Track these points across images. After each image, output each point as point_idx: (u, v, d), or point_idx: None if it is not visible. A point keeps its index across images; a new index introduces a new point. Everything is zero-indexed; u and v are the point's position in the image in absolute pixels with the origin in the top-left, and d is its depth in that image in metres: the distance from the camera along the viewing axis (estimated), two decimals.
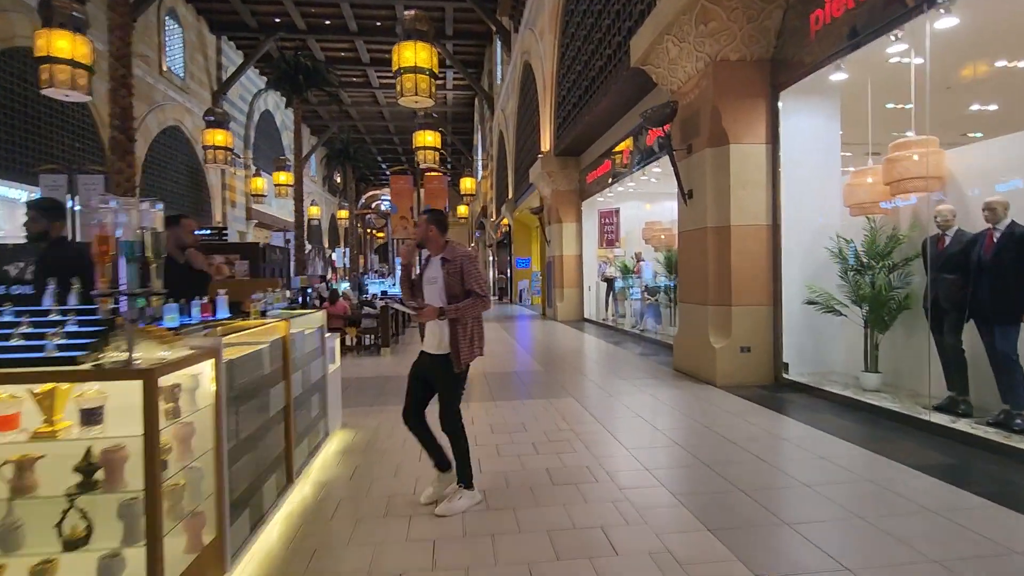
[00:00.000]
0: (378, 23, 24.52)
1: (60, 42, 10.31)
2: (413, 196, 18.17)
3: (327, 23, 24.65)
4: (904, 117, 6.68)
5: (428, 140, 17.47)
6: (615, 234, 12.96)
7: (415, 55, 12.03)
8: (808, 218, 6.44)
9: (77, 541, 1.93)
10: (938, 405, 4.74)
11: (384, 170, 41.34)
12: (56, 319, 2.04)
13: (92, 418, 1.95)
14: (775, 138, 6.46)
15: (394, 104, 32.12)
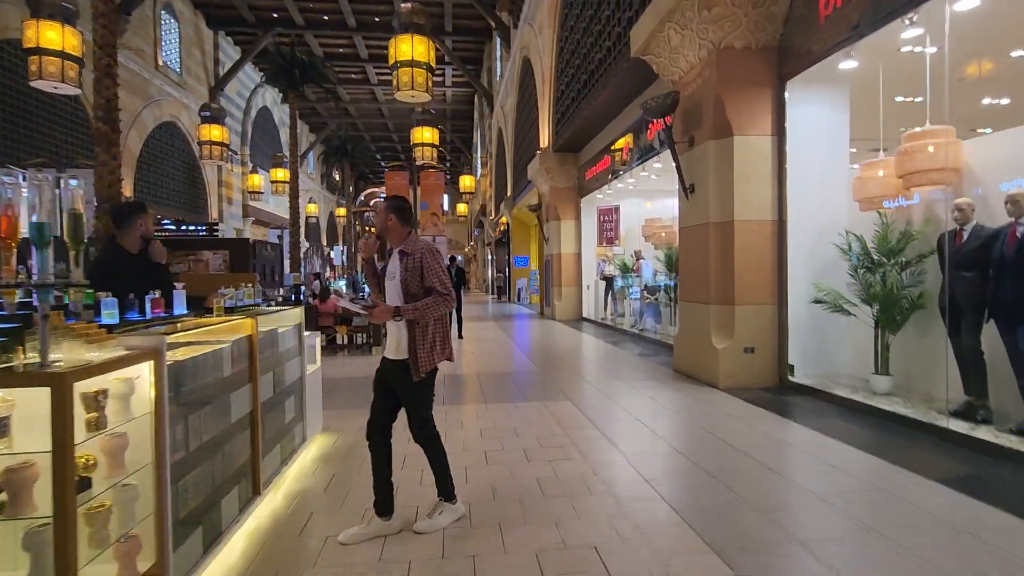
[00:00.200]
0: (376, 19, 24.26)
1: (49, 33, 10.10)
2: (409, 192, 17.88)
3: (325, 19, 24.40)
4: (912, 111, 6.43)
5: (426, 137, 17.22)
6: (614, 232, 12.69)
7: (412, 49, 11.78)
8: (815, 213, 6.17)
9: None
10: (955, 410, 4.47)
11: (383, 168, 41.03)
12: None
13: None
14: (781, 130, 6.19)
15: (393, 101, 31.83)
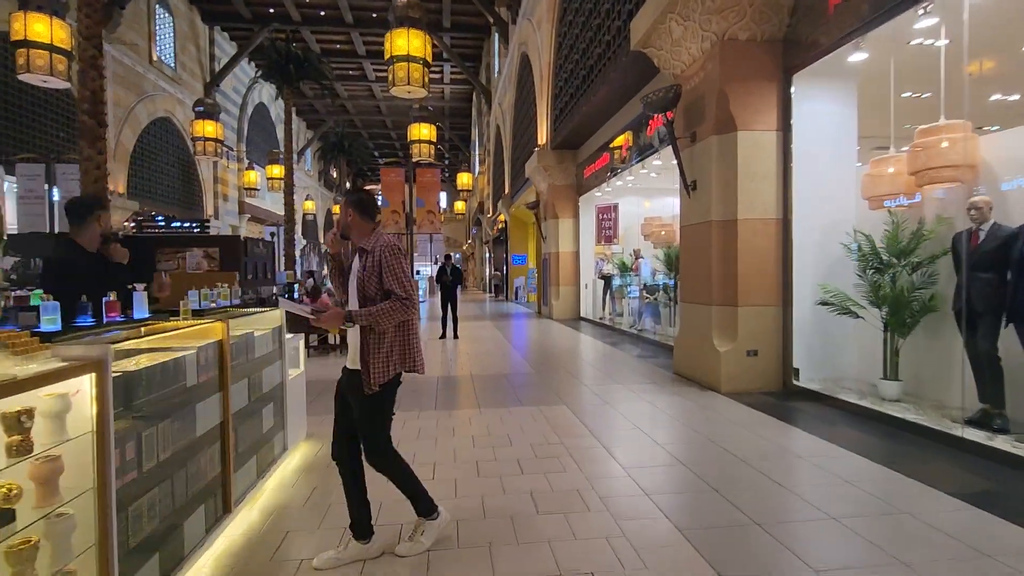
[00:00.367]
0: (374, 15, 24.01)
1: (37, 26, 9.89)
2: (405, 189, 17.65)
3: (322, 14, 24.12)
4: (920, 107, 6.22)
5: (424, 133, 16.98)
6: (613, 230, 12.47)
7: (408, 43, 11.53)
8: (821, 212, 5.95)
9: None
10: (970, 419, 4.26)
11: (381, 165, 40.80)
12: None
13: None
14: (787, 125, 5.97)
15: (391, 98, 31.60)
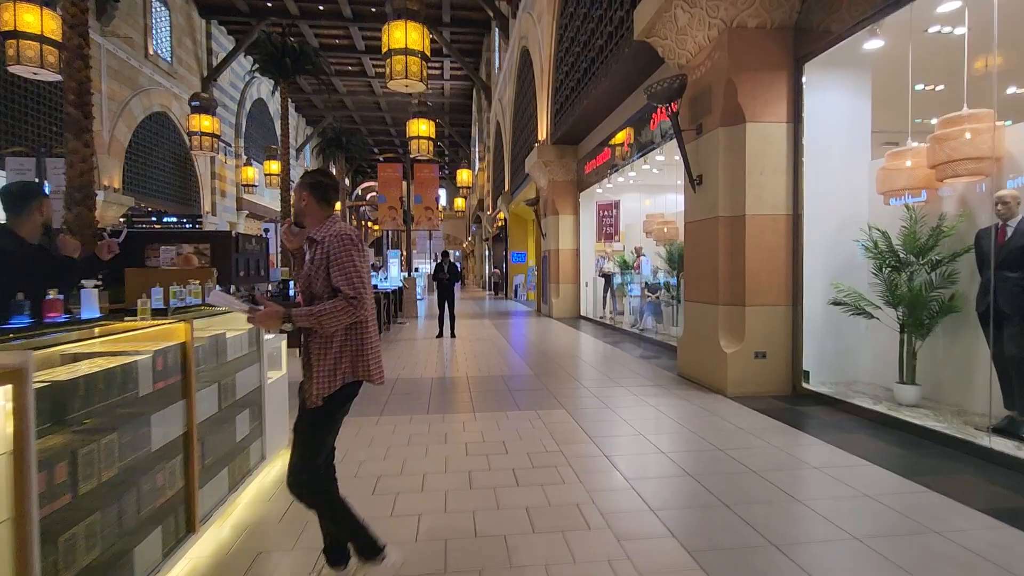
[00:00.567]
0: (373, 9, 23.71)
1: (27, 16, 9.64)
2: (402, 185, 17.37)
3: (321, 8, 23.83)
4: (932, 101, 5.96)
5: (422, 129, 16.70)
6: (614, 227, 12.20)
7: (405, 36, 11.26)
8: (834, 207, 5.70)
9: None
10: (996, 427, 4.00)
11: (381, 161, 40.50)
12: None
13: None
14: (797, 116, 5.71)
15: (390, 94, 31.31)
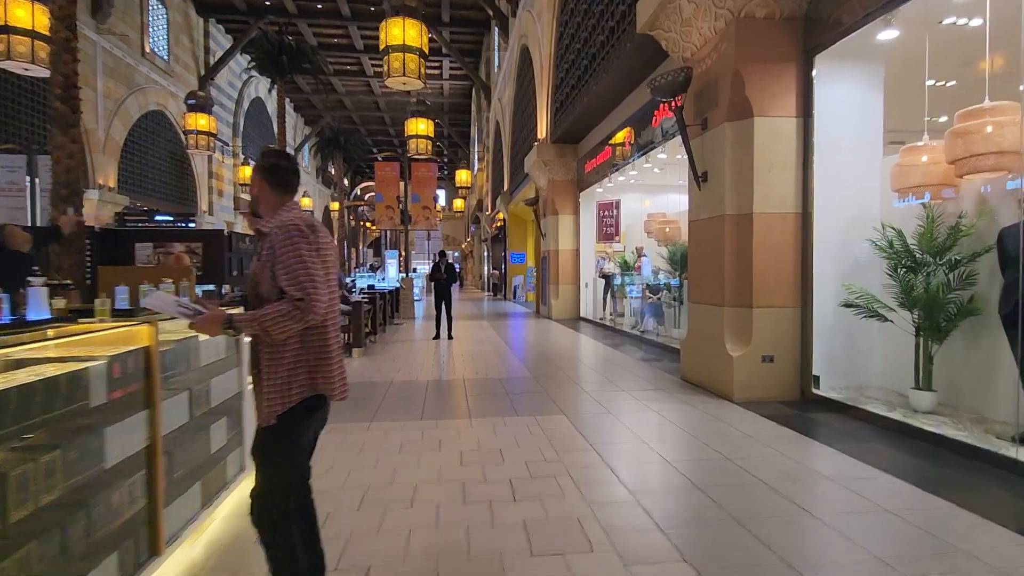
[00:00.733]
0: (372, 8, 23.50)
1: (18, 11, 9.48)
2: (399, 184, 17.15)
3: (319, 7, 23.63)
4: (943, 97, 5.75)
5: (421, 128, 16.52)
6: (615, 227, 11.99)
7: (403, 33, 11.08)
8: (845, 205, 5.48)
9: None
10: (1022, 436, 3.78)
11: (379, 161, 40.34)
12: None
13: None
14: (807, 111, 5.49)
15: (389, 94, 31.08)
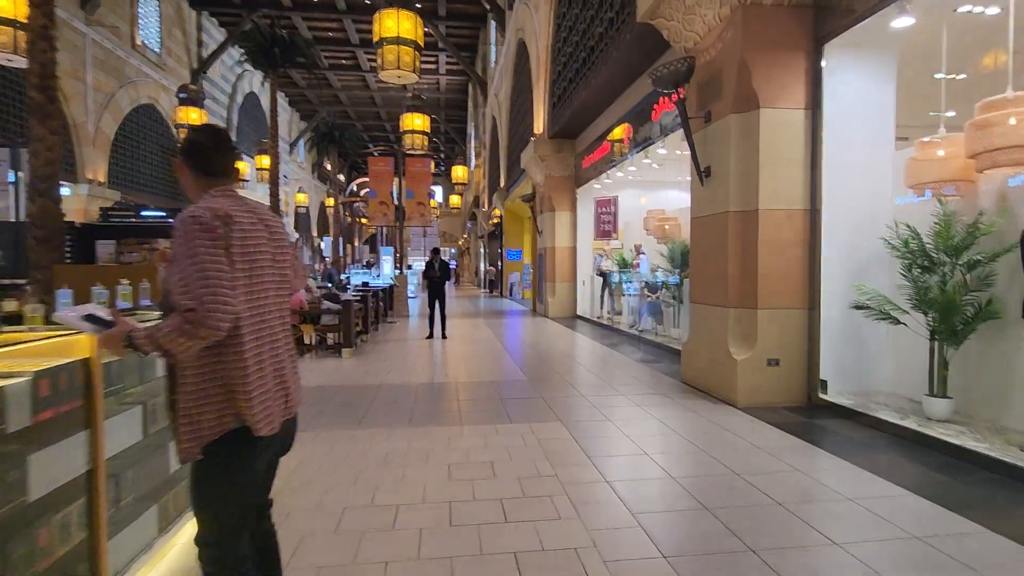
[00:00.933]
0: (367, 1, 23.14)
1: (1, 0, 9.26)
2: (393, 179, 16.84)
3: (314, 0, 23.27)
4: (952, 91, 5.52)
5: (416, 124, 16.24)
6: (612, 224, 11.73)
7: (397, 25, 10.79)
8: (855, 202, 5.24)
9: None
10: None
11: (375, 156, 39.96)
12: None
13: None
14: (816, 102, 5.24)
15: (385, 88, 30.70)
